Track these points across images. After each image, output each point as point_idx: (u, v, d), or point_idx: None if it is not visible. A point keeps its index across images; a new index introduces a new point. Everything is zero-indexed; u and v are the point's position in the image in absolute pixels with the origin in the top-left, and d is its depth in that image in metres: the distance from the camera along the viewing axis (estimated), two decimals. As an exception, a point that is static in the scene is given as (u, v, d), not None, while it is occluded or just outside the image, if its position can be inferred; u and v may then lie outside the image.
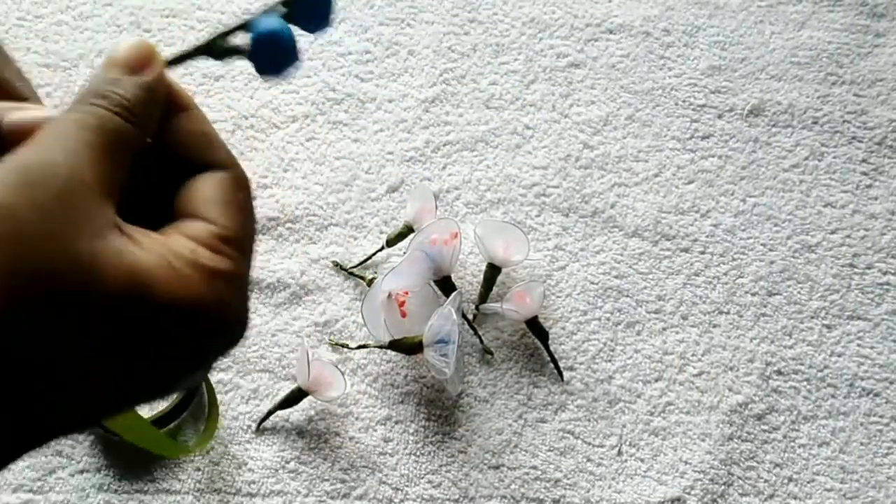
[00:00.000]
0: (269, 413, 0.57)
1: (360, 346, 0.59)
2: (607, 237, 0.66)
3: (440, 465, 0.57)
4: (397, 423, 0.58)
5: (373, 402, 0.59)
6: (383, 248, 0.64)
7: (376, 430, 0.58)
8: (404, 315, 0.59)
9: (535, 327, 0.60)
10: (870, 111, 0.74)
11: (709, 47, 0.77)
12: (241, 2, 0.77)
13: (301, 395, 0.56)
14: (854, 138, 0.72)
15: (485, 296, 0.62)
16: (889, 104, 0.74)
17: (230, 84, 0.72)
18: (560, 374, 0.60)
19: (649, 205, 0.68)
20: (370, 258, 0.64)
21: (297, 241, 0.65)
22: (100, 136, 0.24)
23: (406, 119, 0.71)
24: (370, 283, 0.62)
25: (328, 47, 0.75)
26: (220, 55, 0.29)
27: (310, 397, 0.56)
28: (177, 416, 0.56)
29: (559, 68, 0.75)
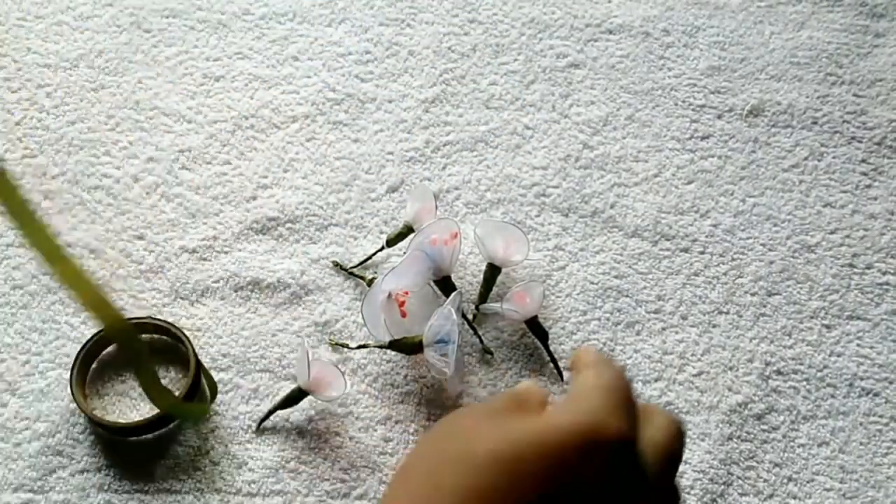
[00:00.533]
0: (269, 413, 0.57)
1: (360, 346, 0.59)
2: (607, 237, 0.66)
3: (440, 465, 0.57)
4: (397, 423, 0.58)
5: (373, 402, 0.59)
6: (383, 248, 0.64)
7: (376, 430, 0.58)
8: (404, 315, 0.59)
9: (535, 327, 0.60)
10: (869, 111, 0.74)
11: (708, 47, 0.77)
12: (242, 2, 0.77)
13: (301, 395, 0.56)
14: (854, 138, 0.73)
15: (485, 296, 0.62)
16: (889, 104, 0.74)
17: (230, 84, 0.72)
18: (560, 373, 0.60)
19: (649, 205, 0.68)
20: (370, 258, 0.64)
21: (297, 241, 0.65)
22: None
23: (406, 119, 0.71)
24: (370, 283, 0.62)
25: (328, 47, 0.75)
26: None
27: (310, 397, 0.56)
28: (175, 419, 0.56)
29: (559, 68, 0.75)
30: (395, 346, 0.58)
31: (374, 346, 0.59)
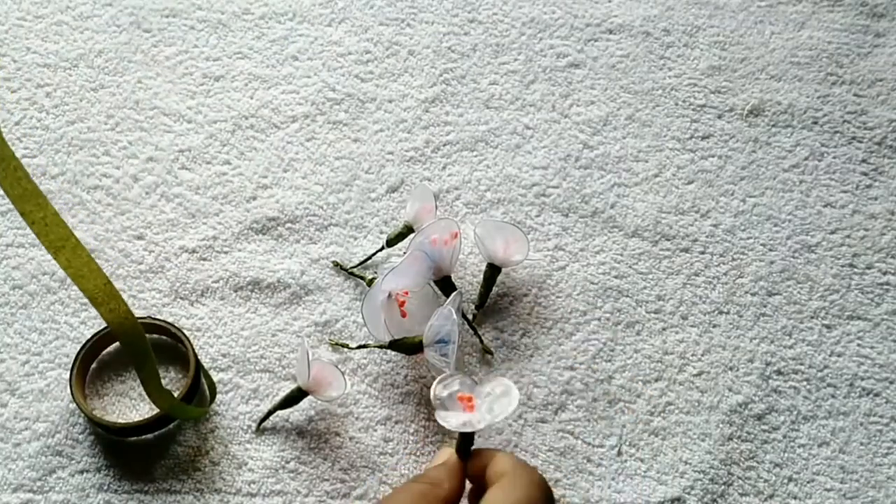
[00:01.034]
0: (269, 413, 0.57)
1: (360, 346, 0.59)
2: (607, 237, 0.66)
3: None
4: (397, 423, 0.58)
5: (373, 402, 0.59)
6: (383, 248, 0.64)
7: (376, 430, 0.58)
8: (404, 315, 0.59)
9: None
10: (870, 111, 0.74)
11: (709, 47, 0.77)
12: (241, 1, 0.77)
13: (301, 395, 0.56)
14: (854, 138, 0.72)
15: (485, 296, 0.62)
16: (889, 104, 0.74)
17: (230, 84, 0.72)
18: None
19: (649, 205, 0.68)
20: (370, 258, 0.64)
21: (297, 241, 0.65)
22: None
23: (406, 119, 0.71)
24: (370, 283, 0.62)
25: (328, 47, 0.75)
26: None
27: (310, 397, 0.56)
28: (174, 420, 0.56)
29: (559, 68, 0.75)
30: (395, 346, 0.58)
31: (374, 346, 0.59)
